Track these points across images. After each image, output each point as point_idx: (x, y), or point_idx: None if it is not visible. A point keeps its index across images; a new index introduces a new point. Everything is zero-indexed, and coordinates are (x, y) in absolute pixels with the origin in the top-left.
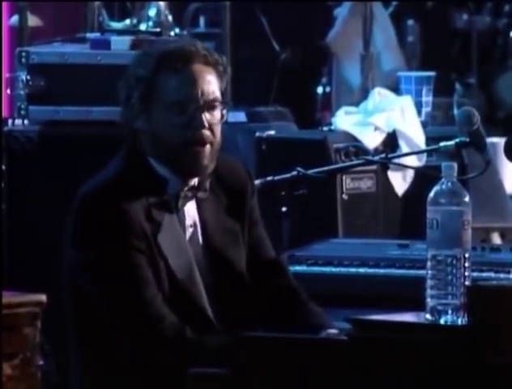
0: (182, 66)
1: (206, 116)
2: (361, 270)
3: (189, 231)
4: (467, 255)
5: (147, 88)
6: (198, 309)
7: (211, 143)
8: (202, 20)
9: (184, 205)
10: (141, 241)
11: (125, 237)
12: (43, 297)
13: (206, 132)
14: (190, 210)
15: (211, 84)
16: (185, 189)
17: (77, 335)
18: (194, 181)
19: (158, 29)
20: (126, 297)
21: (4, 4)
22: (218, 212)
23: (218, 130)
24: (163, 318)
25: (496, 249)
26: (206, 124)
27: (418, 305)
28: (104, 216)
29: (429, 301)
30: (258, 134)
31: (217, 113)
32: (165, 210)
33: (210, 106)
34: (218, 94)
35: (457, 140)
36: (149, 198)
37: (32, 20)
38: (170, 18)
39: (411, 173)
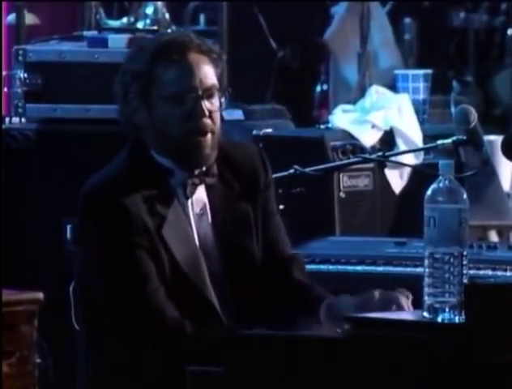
0: (178, 57)
1: (205, 104)
2: (359, 268)
3: (198, 218)
4: (464, 253)
5: (145, 83)
6: (204, 302)
7: (212, 132)
8: (202, 18)
9: (193, 192)
10: (143, 236)
11: (125, 233)
12: (40, 295)
13: (207, 121)
14: (199, 196)
15: (208, 72)
16: (192, 177)
17: (84, 332)
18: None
19: (155, 27)
20: (128, 291)
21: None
22: (228, 198)
23: (217, 117)
24: (164, 311)
25: (493, 246)
26: (207, 112)
27: (415, 303)
28: (105, 213)
29: (427, 299)
30: (255, 132)
31: (216, 101)
32: (169, 203)
33: (208, 94)
34: (215, 81)
35: (454, 138)
36: (152, 192)
37: (29, 18)
38: (167, 16)
39: (408, 171)
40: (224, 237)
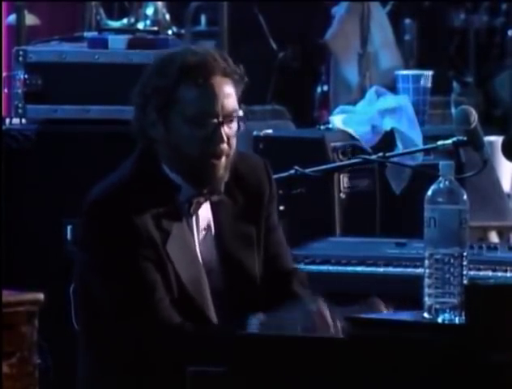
0: (203, 80)
1: (225, 130)
2: (359, 269)
3: (202, 234)
4: (464, 254)
5: (166, 99)
6: (203, 319)
7: (227, 155)
8: (203, 19)
9: (197, 210)
10: (148, 248)
11: (131, 245)
12: (40, 296)
13: (224, 146)
14: (204, 212)
15: (231, 97)
16: (198, 195)
17: (83, 333)
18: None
19: (155, 28)
20: (132, 300)
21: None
22: (233, 214)
23: (234, 142)
24: (169, 320)
25: (493, 247)
26: (226, 138)
27: (416, 304)
28: (112, 224)
29: (427, 300)
30: (255, 132)
31: (235, 125)
32: (175, 218)
33: (228, 120)
34: (236, 105)
35: (454, 139)
36: (159, 206)
37: (30, 19)
38: (168, 16)
39: (408, 172)
40: (227, 253)
